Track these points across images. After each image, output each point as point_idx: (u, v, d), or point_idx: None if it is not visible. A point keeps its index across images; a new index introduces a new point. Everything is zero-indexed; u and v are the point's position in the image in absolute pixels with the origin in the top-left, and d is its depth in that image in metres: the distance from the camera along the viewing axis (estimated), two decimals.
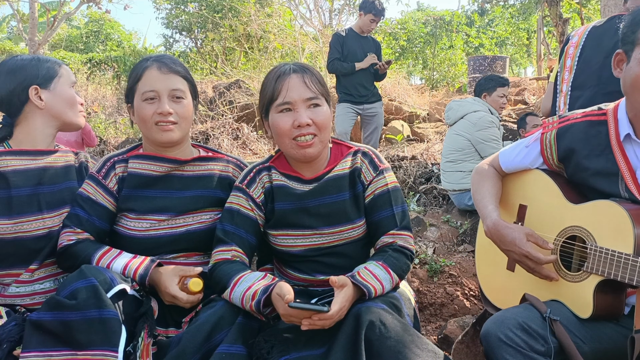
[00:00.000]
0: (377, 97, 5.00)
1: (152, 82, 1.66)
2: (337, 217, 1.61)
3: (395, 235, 1.60)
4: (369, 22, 4.78)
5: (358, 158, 1.65)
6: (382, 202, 1.62)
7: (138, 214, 1.70)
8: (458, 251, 3.54)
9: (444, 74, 14.56)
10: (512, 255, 1.57)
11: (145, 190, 1.72)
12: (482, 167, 1.81)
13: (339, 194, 1.61)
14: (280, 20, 10.97)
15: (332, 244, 1.63)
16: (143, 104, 1.66)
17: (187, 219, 1.71)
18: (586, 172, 1.54)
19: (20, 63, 1.72)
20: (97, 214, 1.69)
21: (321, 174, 1.62)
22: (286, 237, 1.64)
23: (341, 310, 1.37)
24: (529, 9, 15.49)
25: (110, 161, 1.75)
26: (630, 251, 1.36)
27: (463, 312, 2.57)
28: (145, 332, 1.47)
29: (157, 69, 1.67)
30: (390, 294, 1.48)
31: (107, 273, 1.47)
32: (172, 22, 14.79)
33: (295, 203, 1.61)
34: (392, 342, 1.31)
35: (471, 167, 3.88)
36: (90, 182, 1.73)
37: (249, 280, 1.47)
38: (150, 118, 1.66)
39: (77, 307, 1.38)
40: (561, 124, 1.62)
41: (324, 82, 1.61)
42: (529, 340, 1.37)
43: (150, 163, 1.73)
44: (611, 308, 1.46)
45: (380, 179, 1.64)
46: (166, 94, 1.66)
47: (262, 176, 1.66)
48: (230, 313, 1.45)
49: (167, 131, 1.67)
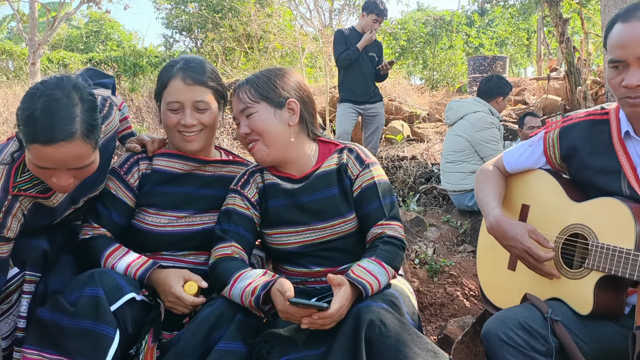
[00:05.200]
0: (379, 97, 4.99)
1: (176, 93, 1.67)
2: (328, 212, 1.64)
3: (384, 226, 1.61)
4: (371, 22, 4.78)
5: (344, 154, 1.68)
6: (369, 195, 1.64)
7: (158, 209, 1.73)
8: (458, 251, 3.54)
9: (444, 74, 14.55)
10: (513, 251, 1.58)
11: (167, 187, 1.75)
12: (486, 167, 1.82)
13: (328, 189, 1.65)
14: (280, 20, 10.97)
15: (325, 239, 1.65)
16: (167, 113, 1.69)
17: (204, 217, 1.76)
18: (589, 170, 1.54)
19: None
20: (116, 209, 1.71)
21: (310, 172, 1.67)
22: (281, 235, 1.67)
23: (341, 309, 1.37)
24: (529, 9, 15.49)
25: (134, 157, 1.77)
26: (632, 248, 1.37)
27: (463, 312, 2.57)
28: (150, 336, 1.49)
29: (182, 80, 1.67)
30: (389, 292, 1.48)
31: (120, 280, 1.50)
32: (172, 22, 14.78)
33: (287, 200, 1.66)
34: (392, 342, 1.31)
35: (471, 168, 3.88)
36: (112, 177, 1.74)
37: (249, 277, 1.48)
38: (174, 127, 1.69)
39: (74, 314, 1.41)
40: (564, 123, 1.63)
41: (262, 84, 1.64)
42: (529, 340, 1.38)
43: (175, 161, 1.76)
44: (611, 306, 1.46)
45: (367, 173, 1.66)
46: (190, 105, 1.67)
47: (255, 177, 1.71)
48: (229, 311, 1.47)
49: (189, 142, 1.70)
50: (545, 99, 8.61)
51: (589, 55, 9.31)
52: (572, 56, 7.26)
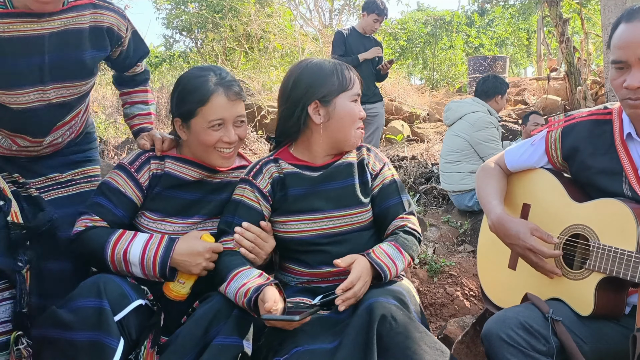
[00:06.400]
0: (379, 97, 4.99)
1: (220, 110, 1.61)
2: (346, 200, 1.66)
3: (404, 219, 1.69)
4: (372, 22, 4.77)
5: (363, 151, 1.74)
6: (391, 191, 1.71)
7: (162, 215, 1.69)
8: (458, 251, 3.54)
9: (444, 74, 14.56)
10: (515, 249, 1.58)
11: (177, 192, 1.71)
12: (487, 165, 1.82)
13: (347, 179, 1.67)
14: (280, 21, 10.96)
15: (341, 229, 1.65)
16: (208, 131, 1.62)
17: (215, 222, 1.73)
18: (590, 170, 1.54)
19: None
20: (122, 205, 1.66)
21: (330, 162, 1.69)
22: (298, 223, 1.65)
23: (361, 279, 1.46)
24: (529, 9, 15.48)
25: (145, 155, 1.72)
26: (633, 249, 1.37)
27: (463, 312, 2.56)
28: (149, 341, 1.49)
29: (225, 96, 1.62)
30: (397, 290, 1.50)
31: (125, 286, 1.48)
32: (172, 22, 14.78)
33: (308, 188, 1.66)
34: (402, 338, 1.33)
35: (470, 168, 3.88)
36: (121, 173, 1.69)
37: (245, 277, 1.50)
38: (214, 144, 1.64)
39: (76, 326, 1.39)
40: (567, 123, 1.63)
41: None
42: (530, 340, 1.38)
43: (188, 167, 1.71)
44: (612, 306, 1.46)
45: (387, 170, 1.74)
46: (231, 121, 1.64)
47: (269, 167, 1.69)
48: (226, 307, 1.48)
49: (227, 159, 1.68)
50: (545, 99, 8.61)
51: (589, 55, 9.31)
52: (572, 56, 7.27)
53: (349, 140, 1.67)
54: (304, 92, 1.61)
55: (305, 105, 1.61)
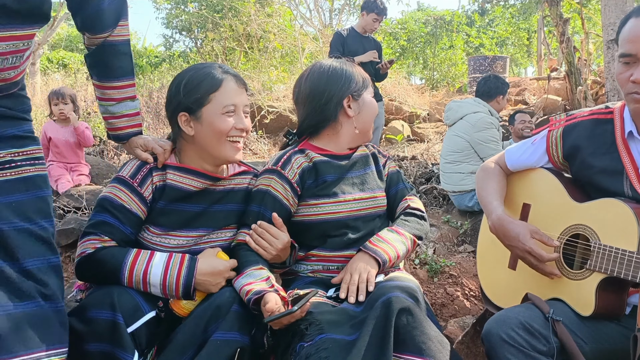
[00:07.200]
0: (378, 97, 4.98)
1: (233, 95, 1.59)
2: (370, 184, 1.81)
3: (407, 200, 1.86)
4: (371, 21, 4.77)
5: (370, 147, 1.90)
6: (396, 179, 1.91)
7: (166, 229, 1.63)
8: (458, 251, 3.54)
9: (444, 74, 14.55)
10: (515, 250, 1.57)
11: (180, 205, 1.64)
12: (487, 164, 1.82)
13: (367, 167, 1.84)
14: (280, 20, 10.96)
15: (366, 212, 1.77)
16: (223, 117, 1.57)
17: (220, 234, 1.70)
18: (591, 169, 1.54)
19: None
20: (130, 223, 1.57)
21: (350, 152, 1.83)
22: (330, 204, 1.73)
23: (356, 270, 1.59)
24: (529, 9, 15.48)
25: (147, 167, 1.62)
26: (634, 249, 1.36)
27: (463, 313, 2.56)
28: (154, 351, 1.49)
29: (235, 82, 1.61)
30: (411, 287, 1.51)
31: (138, 298, 1.45)
32: (172, 22, 14.80)
33: (338, 174, 1.77)
34: (417, 333, 1.37)
35: (470, 169, 3.87)
36: (123, 187, 1.58)
37: (252, 277, 1.55)
38: (228, 132, 1.59)
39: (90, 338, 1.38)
40: (568, 122, 1.63)
41: None
42: (531, 340, 1.37)
43: (190, 177, 1.64)
44: (612, 307, 1.46)
45: (390, 163, 1.94)
46: (242, 108, 1.63)
47: (297, 158, 1.74)
48: (225, 303, 1.49)
49: (238, 149, 1.63)
50: (546, 99, 8.61)
51: (589, 55, 9.30)
52: (572, 56, 7.26)
53: (369, 133, 1.83)
54: (340, 87, 1.74)
55: (341, 99, 1.74)
